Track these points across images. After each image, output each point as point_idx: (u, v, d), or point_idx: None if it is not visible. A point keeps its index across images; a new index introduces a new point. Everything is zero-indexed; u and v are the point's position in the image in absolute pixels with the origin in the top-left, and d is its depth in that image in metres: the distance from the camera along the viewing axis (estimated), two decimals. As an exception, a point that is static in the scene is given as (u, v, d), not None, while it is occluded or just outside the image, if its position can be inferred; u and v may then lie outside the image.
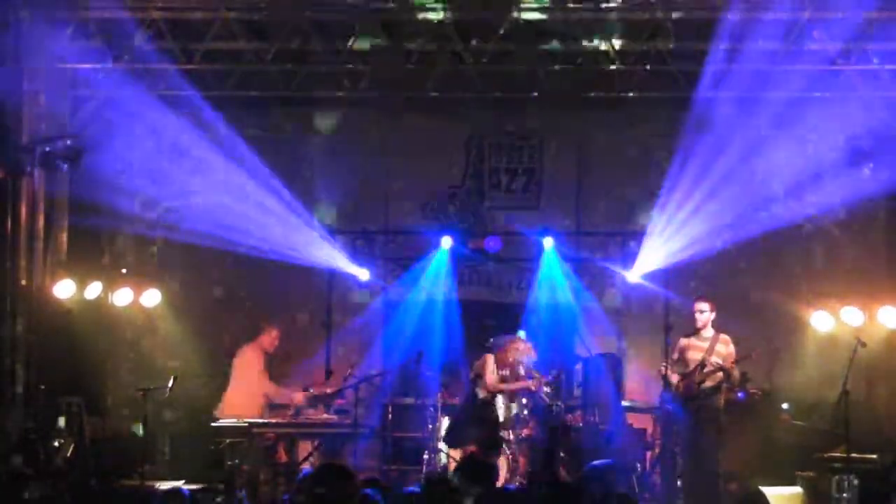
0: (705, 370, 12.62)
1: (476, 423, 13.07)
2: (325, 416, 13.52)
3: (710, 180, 15.20)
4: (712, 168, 15.09)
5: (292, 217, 15.20)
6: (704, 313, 12.80)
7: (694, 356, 12.78)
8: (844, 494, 12.08)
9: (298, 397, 13.63)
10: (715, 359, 12.61)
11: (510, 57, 14.11)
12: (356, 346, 15.33)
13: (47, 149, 13.48)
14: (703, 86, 14.17)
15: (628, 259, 15.04)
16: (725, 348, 12.75)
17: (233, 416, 13.32)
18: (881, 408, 14.48)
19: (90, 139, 14.07)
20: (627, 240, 15.11)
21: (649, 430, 14.25)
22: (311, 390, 13.77)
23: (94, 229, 15.39)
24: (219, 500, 11.70)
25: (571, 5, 13.52)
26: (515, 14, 13.59)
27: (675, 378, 12.73)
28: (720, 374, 12.60)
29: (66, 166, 13.86)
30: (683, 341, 12.91)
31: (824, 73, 13.95)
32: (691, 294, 14.36)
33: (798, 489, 12.56)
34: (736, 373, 12.71)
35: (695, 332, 12.88)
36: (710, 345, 12.72)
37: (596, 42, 13.97)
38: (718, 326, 12.95)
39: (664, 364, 13.04)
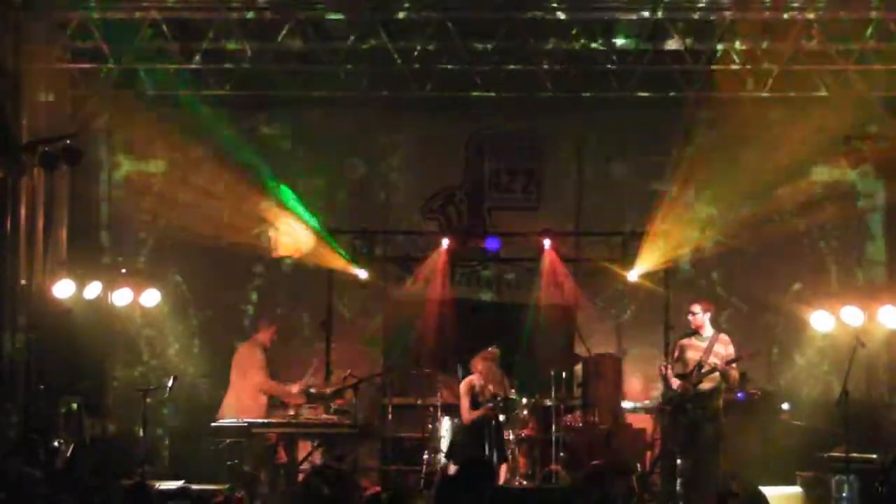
0: (702, 371, 12.63)
1: (473, 444, 13.03)
2: (325, 416, 13.52)
3: (710, 180, 15.23)
4: (712, 168, 15.11)
5: (292, 217, 15.20)
6: (697, 315, 12.81)
7: (693, 356, 12.78)
8: (844, 494, 12.08)
9: (293, 388, 13.63)
10: (713, 359, 12.62)
11: (510, 57, 14.12)
12: (356, 346, 15.34)
13: (47, 149, 13.46)
14: (703, 86, 14.20)
15: (628, 259, 15.03)
16: (724, 349, 12.75)
17: (234, 416, 13.31)
18: (881, 408, 14.47)
19: (90, 139, 14.07)
20: (627, 240, 15.10)
21: (649, 430, 14.25)
22: (312, 390, 13.78)
23: (94, 229, 15.40)
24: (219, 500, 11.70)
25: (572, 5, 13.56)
26: (516, 14, 13.62)
27: (674, 379, 12.74)
28: (717, 375, 12.61)
29: (66, 166, 13.85)
30: (684, 341, 12.91)
31: (824, 74, 13.97)
32: (691, 294, 14.39)
33: (798, 489, 12.56)
34: (734, 373, 12.72)
35: (694, 332, 12.88)
36: (709, 345, 12.72)
37: (596, 42, 13.97)
38: (718, 326, 12.95)
39: (664, 364, 13.04)
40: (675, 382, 12.76)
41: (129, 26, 13.79)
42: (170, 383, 13.24)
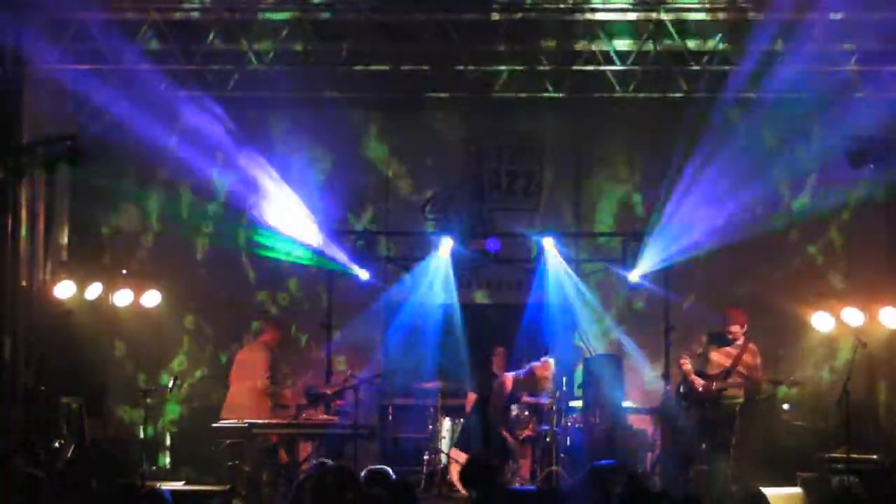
0: (728, 380, 12.69)
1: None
2: (326, 416, 13.53)
3: (710, 180, 15.22)
4: (712, 168, 15.11)
5: (293, 217, 15.20)
6: (736, 332, 12.88)
7: (719, 359, 12.84)
8: (845, 494, 12.06)
9: (288, 391, 13.71)
10: (740, 370, 12.70)
11: (510, 57, 14.11)
12: (357, 346, 15.34)
13: (48, 149, 13.47)
14: (703, 86, 14.19)
15: (628, 259, 15.02)
16: (752, 360, 12.81)
17: (237, 418, 13.32)
18: (882, 408, 14.47)
19: (90, 139, 14.06)
20: (627, 240, 15.10)
21: (650, 431, 14.25)
22: (313, 391, 13.80)
23: (95, 229, 15.40)
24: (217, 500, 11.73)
25: (572, 5, 13.55)
26: (515, 15, 13.61)
27: (695, 377, 12.78)
28: (744, 385, 12.68)
29: (66, 167, 13.85)
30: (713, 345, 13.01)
31: (824, 74, 13.96)
32: (691, 295, 14.41)
33: (798, 489, 12.54)
34: (764, 385, 12.83)
35: (731, 341, 12.94)
36: (738, 354, 12.78)
37: (596, 43, 13.97)
38: (748, 334, 12.98)
39: (683, 359, 13.03)
40: (698, 381, 12.81)
41: (129, 27, 13.79)
42: (170, 384, 13.25)
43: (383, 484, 8.47)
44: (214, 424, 13.32)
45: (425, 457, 13.61)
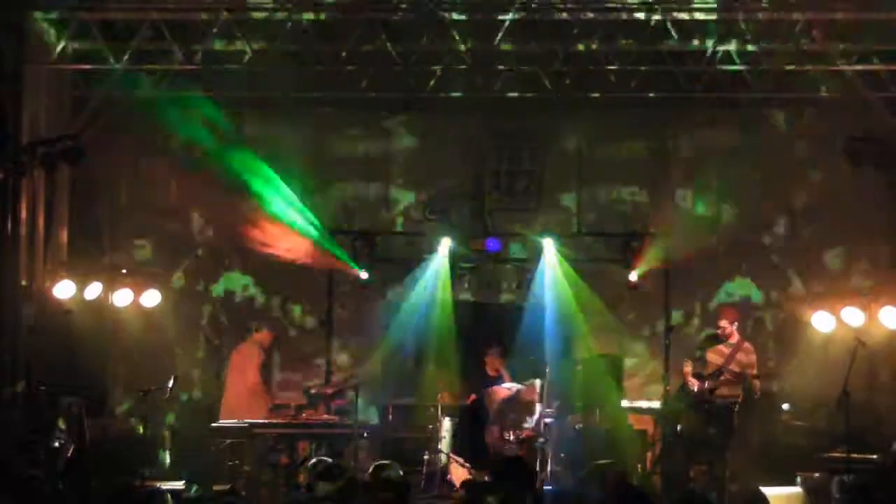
0: (721, 378, 12.71)
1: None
2: (326, 416, 13.54)
3: (711, 180, 15.24)
4: (713, 168, 15.12)
5: (293, 217, 15.20)
6: (726, 329, 12.97)
7: (713, 359, 12.89)
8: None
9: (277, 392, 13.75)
10: (733, 368, 12.72)
11: (510, 57, 14.12)
12: (356, 346, 15.35)
13: (48, 149, 13.48)
14: (703, 86, 14.19)
15: (629, 259, 15.03)
16: (746, 358, 12.85)
17: (236, 417, 13.31)
18: (881, 408, 14.46)
19: (90, 139, 14.07)
20: (628, 240, 15.10)
21: (650, 431, 14.26)
22: (312, 390, 13.80)
23: (95, 229, 15.40)
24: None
25: (572, 6, 13.54)
26: (515, 14, 13.61)
27: (692, 379, 12.84)
28: (737, 383, 12.72)
29: (66, 166, 13.87)
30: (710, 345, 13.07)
31: (823, 73, 13.97)
32: (691, 294, 14.38)
33: (798, 489, 12.56)
34: (757, 383, 12.86)
35: (724, 340, 13.00)
36: (732, 352, 12.81)
37: (596, 42, 13.96)
38: (743, 332, 13.02)
39: (686, 362, 13.09)
40: (693, 382, 12.87)
41: (129, 27, 13.80)
42: (170, 384, 13.25)
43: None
44: (214, 424, 13.33)
45: (425, 457, 13.61)
